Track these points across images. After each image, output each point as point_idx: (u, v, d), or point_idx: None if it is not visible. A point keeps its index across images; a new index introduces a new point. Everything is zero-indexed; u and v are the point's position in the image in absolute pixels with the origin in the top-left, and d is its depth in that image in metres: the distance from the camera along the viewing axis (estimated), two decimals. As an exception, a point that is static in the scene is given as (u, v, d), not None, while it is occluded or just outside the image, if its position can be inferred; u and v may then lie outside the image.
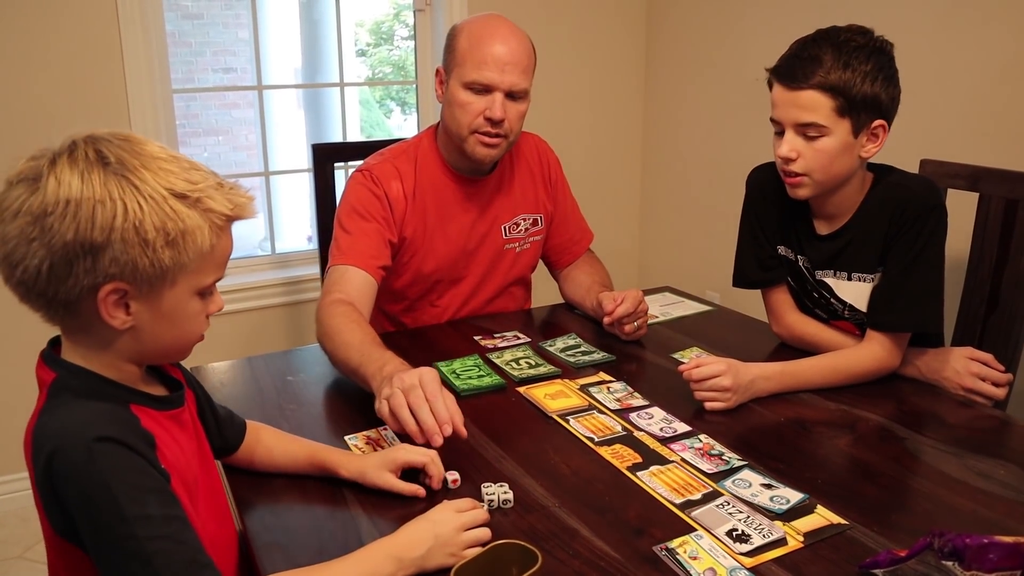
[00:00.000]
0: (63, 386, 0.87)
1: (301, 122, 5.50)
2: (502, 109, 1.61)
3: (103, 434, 0.81)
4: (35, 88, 2.38)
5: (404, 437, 1.17)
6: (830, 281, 1.55)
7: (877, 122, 1.40)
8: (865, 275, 1.50)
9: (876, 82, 1.36)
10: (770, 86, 1.45)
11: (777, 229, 1.61)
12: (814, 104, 1.37)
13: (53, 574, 0.94)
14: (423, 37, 3.02)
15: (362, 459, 1.13)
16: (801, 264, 1.58)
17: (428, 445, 1.13)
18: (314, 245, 2.93)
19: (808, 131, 1.39)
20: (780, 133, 1.44)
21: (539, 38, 1.67)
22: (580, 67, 3.24)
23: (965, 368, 1.46)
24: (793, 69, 1.38)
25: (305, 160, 4.93)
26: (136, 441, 0.83)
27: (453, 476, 1.13)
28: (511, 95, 1.62)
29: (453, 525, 0.97)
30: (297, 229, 4.71)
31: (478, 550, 0.93)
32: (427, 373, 1.19)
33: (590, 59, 3.26)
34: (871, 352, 1.46)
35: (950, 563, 0.83)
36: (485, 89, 1.61)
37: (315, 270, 2.72)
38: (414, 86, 3.13)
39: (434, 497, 1.09)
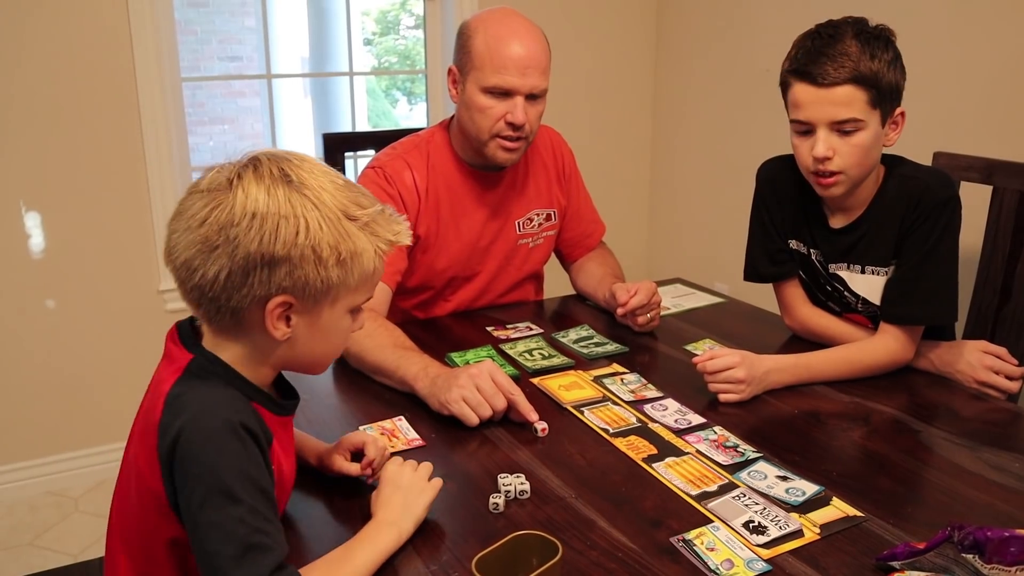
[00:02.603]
0: (202, 368, 0.91)
1: (308, 111, 5.50)
2: (524, 113, 1.58)
3: (237, 419, 0.86)
4: (45, 76, 2.38)
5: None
6: (844, 274, 1.55)
7: (899, 110, 1.41)
8: (879, 268, 1.50)
9: (896, 69, 1.37)
10: (785, 88, 1.43)
11: (789, 224, 1.60)
12: (849, 99, 1.34)
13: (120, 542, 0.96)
14: (433, 26, 3.01)
15: (317, 444, 1.15)
16: (814, 258, 1.58)
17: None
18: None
19: (844, 127, 1.36)
20: (804, 133, 1.41)
21: (549, 32, 1.66)
22: (590, 60, 3.23)
23: (979, 361, 1.46)
24: (823, 66, 1.35)
25: (312, 149, 4.92)
26: (260, 435, 0.88)
27: (542, 425, 1.25)
28: (531, 96, 1.60)
29: (405, 472, 1.03)
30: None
31: (437, 483, 1.02)
32: (496, 369, 1.27)
33: (600, 52, 3.25)
34: (884, 345, 1.46)
35: (970, 556, 0.83)
36: (505, 93, 1.58)
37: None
38: (423, 75, 3.12)
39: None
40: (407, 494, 1.01)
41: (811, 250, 1.58)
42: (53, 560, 2.30)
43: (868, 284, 1.53)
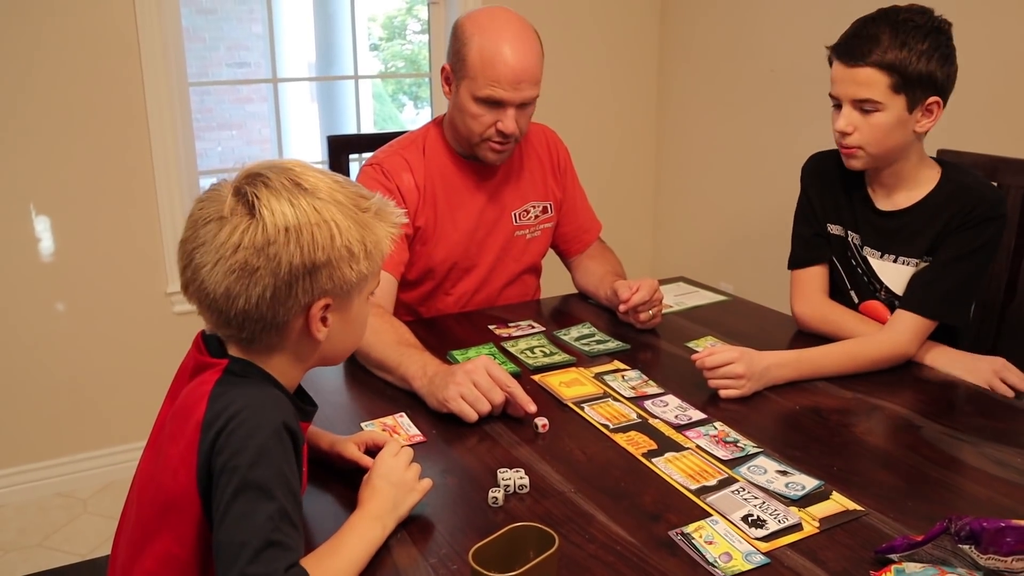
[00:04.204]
0: (243, 369, 0.93)
1: (315, 115, 5.53)
2: (514, 122, 1.61)
3: (282, 420, 0.88)
4: (55, 82, 2.40)
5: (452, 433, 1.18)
6: (875, 263, 1.58)
7: (932, 98, 1.45)
8: (910, 259, 1.53)
9: (932, 60, 1.41)
10: (830, 63, 1.51)
11: (831, 207, 1.65)
12: (870, 81, 1.42)
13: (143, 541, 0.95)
14: (437, 30, 3.02)
15: (332, 434, 1.17)
16: (851, 240, 1.62)
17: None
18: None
19: (864, 106, 1.45)
20: (838, 107, 1.50)
21: (553, 31, 1.67)
22: (594, 60, 3.24)
23: (992, 380, 1.46)
24: (852, 47, 1.44)
25: (319, 153, 4.94)
26: (299, 438, 0.91)
27: (543, 421, 1.25)
28: (522, 104, 1.62)
29: (399, 468, 1.03)
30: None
31: (427, 484, 1.03)
32: (492, 363, 1.28)
33: (604, 52, 3.25)
34: (890, 336, 1.48)
35: (967, 547, 0.83)
36: (497, 103, 1.60)
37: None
38: (427, 79, 3.13)
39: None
40: (398, 491, 1.01)
41: (849, 232, 1.62)
42: (62, 561, 2.31)
43: (897, 273, 1.55)
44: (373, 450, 1.13)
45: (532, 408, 1.26)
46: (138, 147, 2.54)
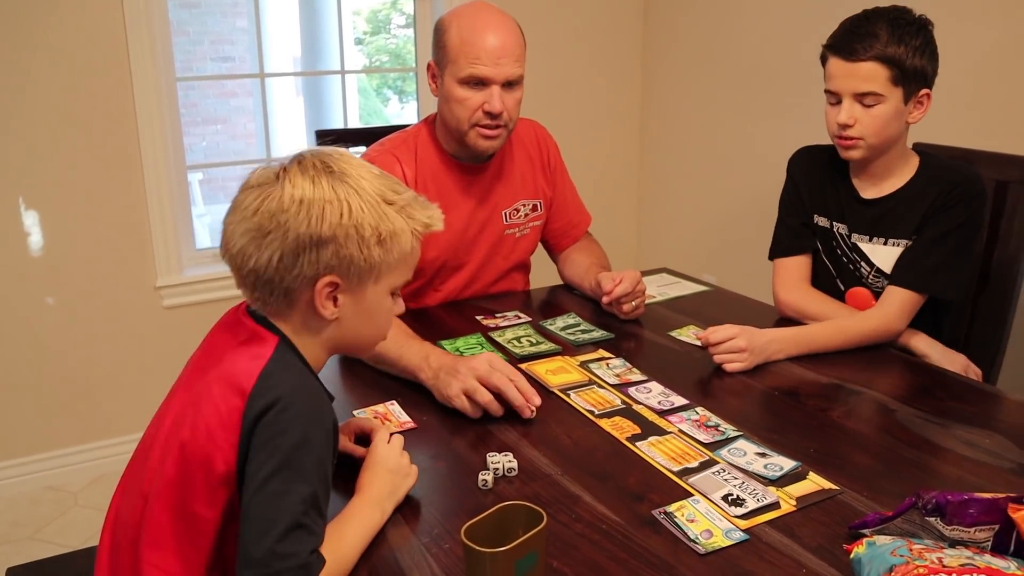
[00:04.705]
0: (291, 353, 0.98)
1: (300, 110, 5.53)
2: (500, 101, 1.63)
3: (329, 412, 0.95)
4: (43, 77, 2.41)
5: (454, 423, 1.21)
6: (865, 246, 1.65)
7: (923, 91, 1.54)
8: (899, 240, 1.60)
9: (924, 55, 1.51)
10: (824, 61, 1.58)
11: (817, 198, 1.72)
12: (872, 74, 1.50)
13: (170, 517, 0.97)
14: (423, 25, 3.04)
15: None
16: (836, 231, 1.68)
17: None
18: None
19: (866, 99, 1.52)
20: (835, 103, 1.57)
21: (537, 23, 1.70)
22: (578, 52, 3.27)
23: (960, 369, 1.56)
24: (852, 44, 1.51)
25: (304, 147, 4.96)
26: (338, 432, 0.98)
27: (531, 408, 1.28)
28: (507, 84, 1.64)
29: (394, 454, 1.07)
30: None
31: (416, 470, 1.07)
32: (495, 358, 1.29)
33: (588, 44, 3.29)
34: (881, 312, 1.57)
35: (933, 519, 0.87)
36: (481, 83, 1.62)
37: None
38: (413, 74, 3.15)
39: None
40: (395, 477, 1.05)
41: (835, 223, 1.69)
42: (52, 551, 2.33)
43: (887, 255, 1.62)
44: (362, 437, 1.17)
45: (537, 401, 1.28)
46: (126, 142, 2.56)
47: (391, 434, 1.11)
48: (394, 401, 1.34)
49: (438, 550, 0.97)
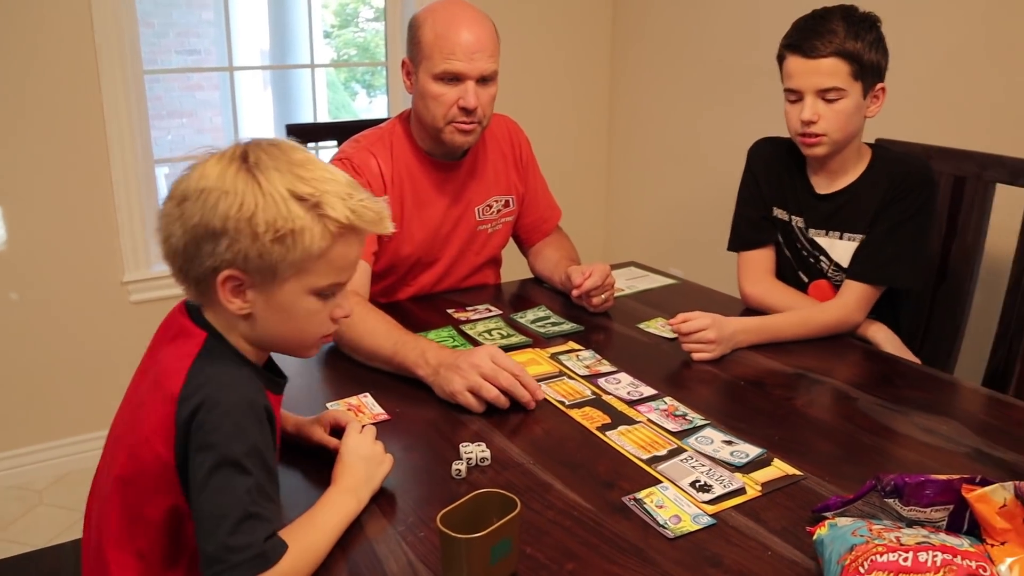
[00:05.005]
0: (219, 346, 0.97)
1: (268, 104, 5.49)
2: (475, 97, 1.63)
3: (256, 399, 0.93)
4: (8, 69, 2.37)
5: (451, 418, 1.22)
6: (823, 241, 1.68)
7: (879, 85, 1.58)
8: (855, 235, 1.64)
9: (878, 50, 1.55)
10: (781, 61, 1.60)
11: (775, 192, 1.75)
12: (834, 70, 1.53)
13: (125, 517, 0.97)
14: (393, 18, 3.04)
15: (296, 416, 1.20)
16: (795, 224, 1.71)
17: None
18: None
19: (828, 95, 1.55)
20: (796, 101, 1.60)
21: (506, 19, 1.71)
22: (547, 49, 3.29)
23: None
24: (812, 41, 1.54)
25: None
26: (273, 417, 0.95)
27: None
28: (481, 80, 1.65)
29: (367, 443, 1.08)
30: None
31: (391, 458, 1.06)
32: (497, 352, 1.29)
33: (557, 41, 3.31)
34: (840, 303, 1.61)
35: (891, 500, 0.91)
36: (456, 78, 1.63)
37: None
38: (384, 68, 3.15)
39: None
40: (369, 464, 1.06)
41: (793, 217, 1.72)
42: (20, 552, 2.31)
43: (844, 249, 1.66)
44: (337, 430, 1.17)
45: (540, 395, 1.30)
46: (94, 135, 2.53)
47: (363, 426, 1.12)
48: (367, 393, 1.35)
49: (413, 538, 0.99)
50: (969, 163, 1.81)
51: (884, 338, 1.63)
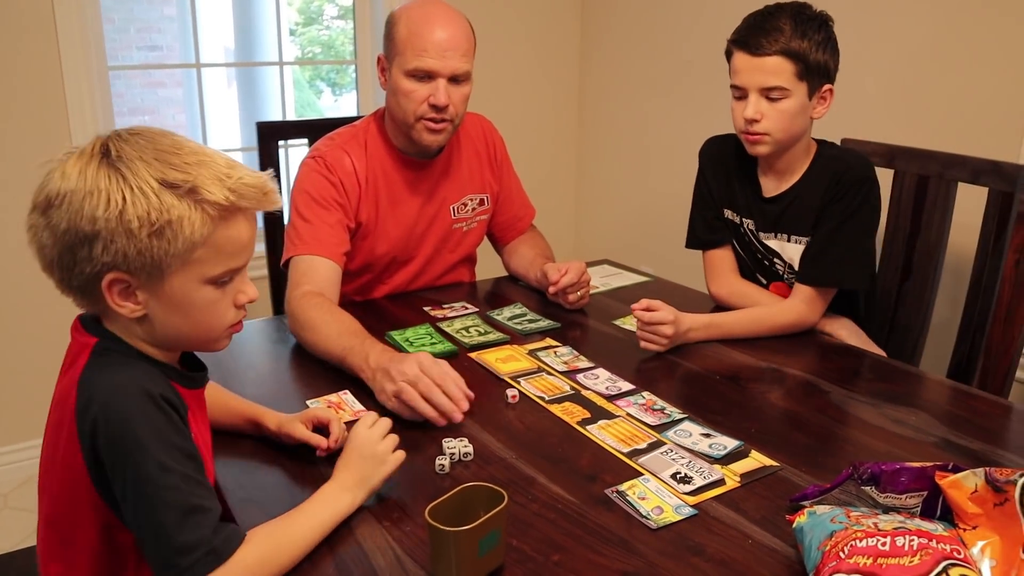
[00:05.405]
0: (109, 348, 0.92)
1: (233, 101, 5.43)
2: (446, 95, 1.63)
3: (152, 391, 0.87)
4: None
5: (405, 424, 1.22)
6: (774, 244, 1.69)
7: (826, 86, 1.57)
8: (802, 237, 1.65)
9: (826, 50, 1.53)
10: (729, 56, 1.59)
11: (724, 193, 1.75)
12: (778, 69, 1.52)
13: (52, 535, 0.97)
14: (362, 16, 3.03)
15: (279, 414, 1.19)
16: (745, 227, 1.72)
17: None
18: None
19: (772, 94, 1.54)
20: (741, 98, 1.58)
21: (476, 17, 1.72)
22: (517, 48, 3.30)
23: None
24: (758, 38, 1.53)
25: (237, 138, 4.83)
26: (178, 405, 0.90)
27: (513, 392, 1.32)
28: (454, 79, 1.65)
29: (372, 440, 1.05)
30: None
31: (399, 456, 1.05)
32: (425, 358, 1.24)
33: (526, 40, 3.32)
34: (793, 306, 1.62)
35: (868, 488, 0.93)
36: (427, 76, 1.63)
37: (257, 248, 2.72)
38: (352, 66, 3.14)
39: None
40: (368, 464, 1.03)
41: (743, 220, 1.72)
42: (-17, 555, 2.26)
43: (795, 252, 1.67)
44: (320, 428, 1.17)
45: (464, 406, 1.22)
46: (57, 133, 2.48)
47: (377, 419, 1.09)
48: (347, 390, 1.35)
49: (400, 533, 0.99)
50: (932, 163, 1.86)
51: (848, 334, 1.66)
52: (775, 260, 1.70)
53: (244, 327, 1.01)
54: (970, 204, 1.81)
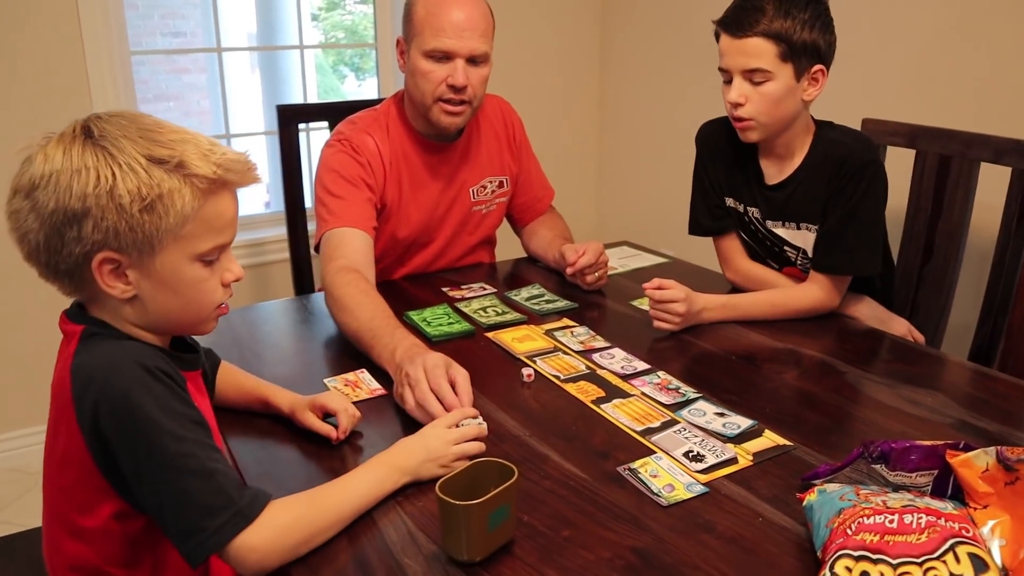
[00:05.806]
0: (96, 332, 0.93)
1: (256, 86, 5.46)
2: (464, 75, 1.63)
3: (147, 363, 0.88)
4: (-8, 50, 2.36)
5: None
6: (782, 232, 1.66)
7: (816, 67, 1.51)
8: (812, 225, 1.61)
9: (814, 29, 1.47)
10: (717, 37, 1.55)
11: (725, 182, 1.71)
12: (759, 51, 1.47)
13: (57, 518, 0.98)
14: (382, 0, 3.03)
15: (293, 397, 1.19)
16: (751, 215, 1.69)
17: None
18: (272, 208, 2.95)
19: (754, 76, 1.49)
20: (728, 81, 1.54)
21: (495, 1, 1.71)
22: (537, 29, 3.29)
23: (905, 333, 1.65)
24: (739, 19, 1.48)
25: (260, 123, 4.86)
26: (175, 376, 0.91)
27: (528, 371, 1.33)
28: (472, 60, 1.65)
29: (443, 440, 1.06)
30: (253, 192, 4.69)
31: (465, 463, 1.02)
32: (432, 360, 1.20)
33: (547, 20, 3.31)
34: (811, 292, 1.60)
35: (878, 466, 0.93)
36: (445, 56, 1.63)
37: (278, 231, 2.75)
38: (372, 50, 3.15)
39: (352, 441, 1.16)
40: (426, 457, 1.03)
41: (747, 208, 1.69)
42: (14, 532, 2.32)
43: (806, 239, 1.64)
44: (329, 417, 1.17)
45: (457, 417, 1.13)
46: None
47: (461, 422, 1.09)
48: (363, 369, 1.37)
49: (412, 507, 1.01)
50: (954, 142, 1.83)
51: (869, 312, 1.65)
52: (785, 247, 1.68)
53: (264, 307, 1.03)
54: (993, 184, 1.78)
